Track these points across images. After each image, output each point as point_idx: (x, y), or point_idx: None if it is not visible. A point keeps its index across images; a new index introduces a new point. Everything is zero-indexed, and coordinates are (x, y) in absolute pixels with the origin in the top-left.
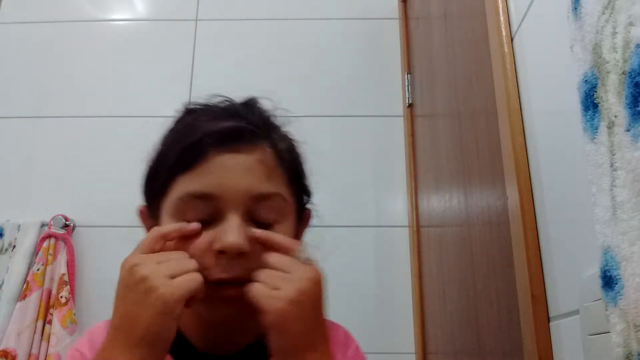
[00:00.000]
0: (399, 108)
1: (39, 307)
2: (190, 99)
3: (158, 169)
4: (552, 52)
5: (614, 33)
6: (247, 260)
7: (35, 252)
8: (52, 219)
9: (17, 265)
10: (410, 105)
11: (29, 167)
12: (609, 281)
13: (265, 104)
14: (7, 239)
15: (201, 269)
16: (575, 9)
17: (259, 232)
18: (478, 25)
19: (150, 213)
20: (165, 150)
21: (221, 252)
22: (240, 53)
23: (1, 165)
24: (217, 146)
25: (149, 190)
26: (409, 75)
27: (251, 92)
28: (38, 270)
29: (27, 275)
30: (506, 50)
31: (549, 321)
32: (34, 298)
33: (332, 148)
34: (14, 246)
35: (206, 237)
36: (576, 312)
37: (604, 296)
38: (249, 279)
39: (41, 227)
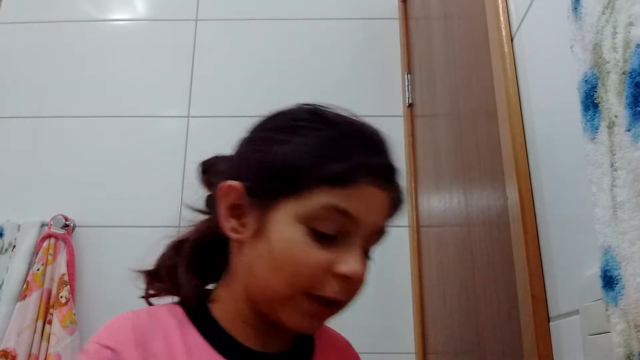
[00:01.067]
0: (399, 108)
1: (39, 307)
2: (190, 99)
3: (294, 169)
4: (552, 52)
5: (614, 33)
6: (352, 286)
7: (35, 252)
8: (52, 219)
9: (17, 265)
10: (410, 105)
11: (29, 167)
12: (609, 281)
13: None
14: (7, 239)
15: (311, 282)
16: (575, 9)
17: None
18: (478, 25)
19: (256, 200)
20: (308, 156)
21: (340, 274)
22: (240, 53)
23: (1, 165)
24: (372, 178)
25: (270, 181)
26: (409, 75)
27: (250, 92)
28: (38, 270)
29: (27, 275)
30: (506, 50)
31: (549, 321)
32: (34, 298)
33: None
34: (14, 246)
35: (329, 255)
36: (576, 312)
37: (605, 296)
38: (346, 303)
39: (41, 227)
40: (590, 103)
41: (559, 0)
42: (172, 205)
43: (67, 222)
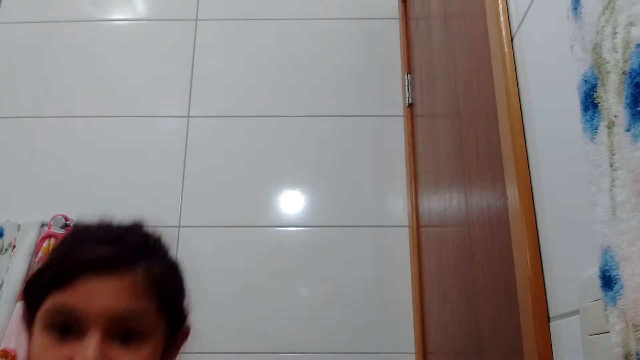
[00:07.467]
0: (399, 108)
1: None
2: (190, 99)
3: (37, 283)
4: (552, 52)
5: (614, 33)
6: None
7: (35, 252)
8: (52, 219)
9: (17, 265)
10: (410, 105)
11: (29, 167)
12: (608, 281)
13: (150, 229)
14: (7, 239)
15: None
16: (575, 9)
17: None
18: (478, 25)
19: (27, 320)
20: (46, 267)
21: None
22: (240, 53)
23: (1, 165)
24: (88, 271)
25: (28, 299)
26: (409, 75)
27: (250, 92)
28: None
29: (27, 275)
30: (506, 50)
31: (549, 321)
32: None
33: (332, 148)
34: (14, 246)
35: (66, 351)
36: (576, 312)
37: (603, 296)
38: None
39: (41, 227)
40: (590, 103)
41: (559, 0)
42: (172, 205)
43: (67, 222)
